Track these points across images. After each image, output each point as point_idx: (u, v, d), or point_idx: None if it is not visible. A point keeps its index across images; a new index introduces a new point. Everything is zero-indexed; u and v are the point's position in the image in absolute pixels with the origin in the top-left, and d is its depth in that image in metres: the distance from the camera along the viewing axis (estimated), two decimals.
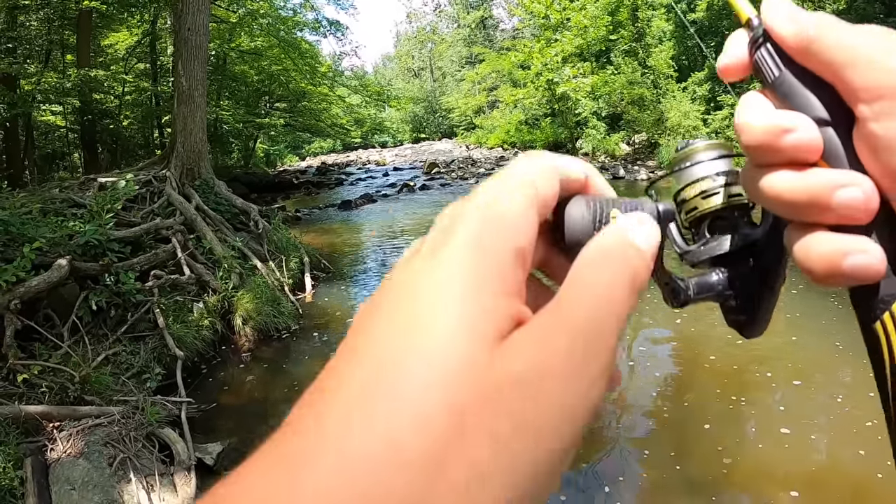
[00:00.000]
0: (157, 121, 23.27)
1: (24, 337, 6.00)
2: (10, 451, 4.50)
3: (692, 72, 22.64)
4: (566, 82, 25.09)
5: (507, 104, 34.66)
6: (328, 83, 27.39)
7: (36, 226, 7.15)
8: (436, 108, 55.77)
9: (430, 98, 57.41)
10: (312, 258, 10.29)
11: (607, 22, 24.51)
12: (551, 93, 26.69)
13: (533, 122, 32.65)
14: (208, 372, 6.85)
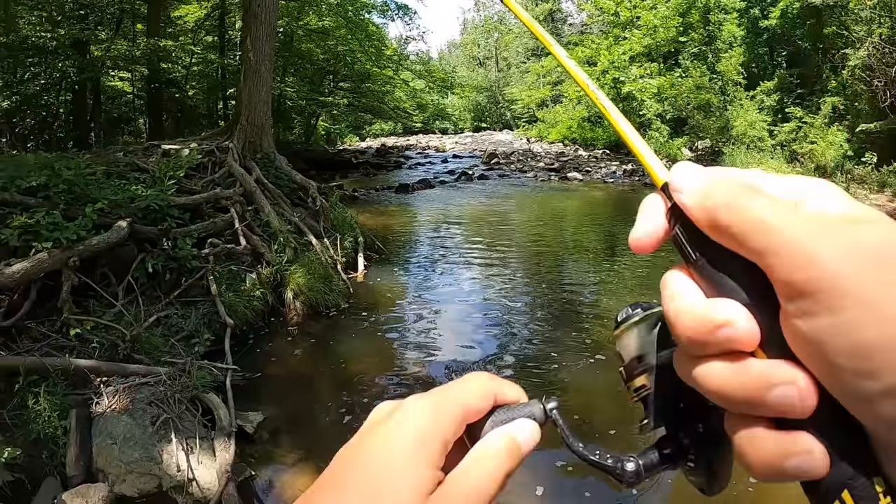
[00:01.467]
0: (221, 93, 23.58)
1: (80, 293, 6.11)
2: (57, 401, 4.59)
3: (761, 80, 22.03)
4: (632, 82, 24.72)
5: (570, 100, 34.33)
6: (393, 66, 27.44)
7: (99, 187, 7.27)
8: (499, 98, 55.41)
9: (493, 88, 57.04)
10: (367, 239, 10.30)
11: (678, 23, 24.03)
12: (616, 91, 26.30)
13: (595, 120, 32.23)
14: (255, 342, 6.90)
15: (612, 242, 12.10)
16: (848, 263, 0.34)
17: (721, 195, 0.40)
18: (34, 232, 5.95)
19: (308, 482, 4.46)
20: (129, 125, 23.19)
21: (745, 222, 0.37)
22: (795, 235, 0.35)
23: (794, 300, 0.35)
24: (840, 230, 0.35)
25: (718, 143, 21.52)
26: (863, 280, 0.33)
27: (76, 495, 4.05)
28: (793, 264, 0.35)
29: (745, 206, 0.38)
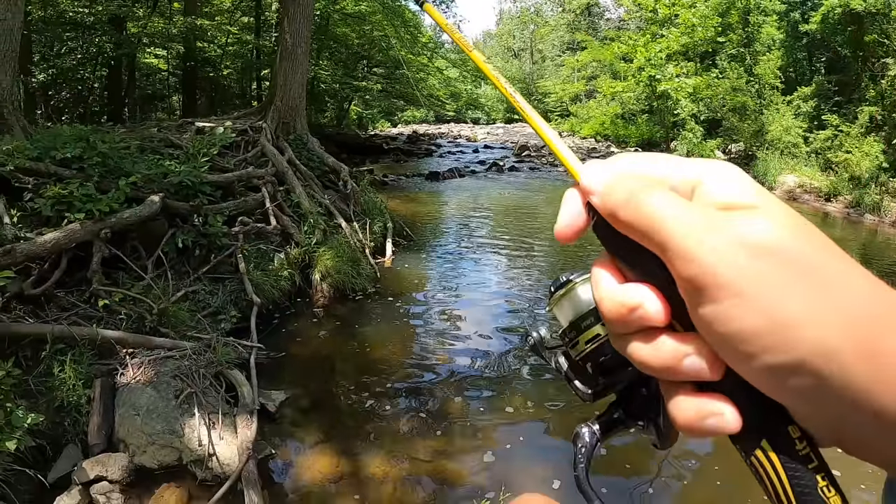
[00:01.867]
0: (255, 73, 23.66)
1: (109, 265, 6.14)
2: (83, 370, 4.61)
3: (799, 86, 21.46)
4: (668, 80, 24.29)
5: (604, 95, 33.88)
6: (428, 54, 27.33)
7: (133, 161, 7.30)
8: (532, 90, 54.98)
9: (527, 80, 56.70)
10: (395, 224, 10.27)
11: (716, 23, 23.52)
12: (651, 89, 25.88)
13: (629, 117, 31.85)
14: (281, 322, 6.90)
15: None
16: (724, 259, 0.39)
17: (620, 193, 0.44)
18: (67, 202, 5.98)
19: (328, 464, 4.46)
20: (163, 102, 23.34)
21: (641, 220, 0.42)
22: (683, 233, 0.40)
23: (683, 289, 0.41)
24: (722, 224, 0.40)
25: (752, 147, 21.11)
26: (738, 274, 0.38)
27: (96, 464, 4.06)
28: (682, 260, 0.40)
29: (641, 204, 0.42)
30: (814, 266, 0.39)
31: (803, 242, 0.40)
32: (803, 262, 0.39)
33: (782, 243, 0.39)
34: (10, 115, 8.40)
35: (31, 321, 5.06)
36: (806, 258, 0.39)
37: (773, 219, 0.40)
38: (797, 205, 16.03)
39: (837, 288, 0.38)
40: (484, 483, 4.32)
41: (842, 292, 0.38)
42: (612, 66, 32.32)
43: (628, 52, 27.40)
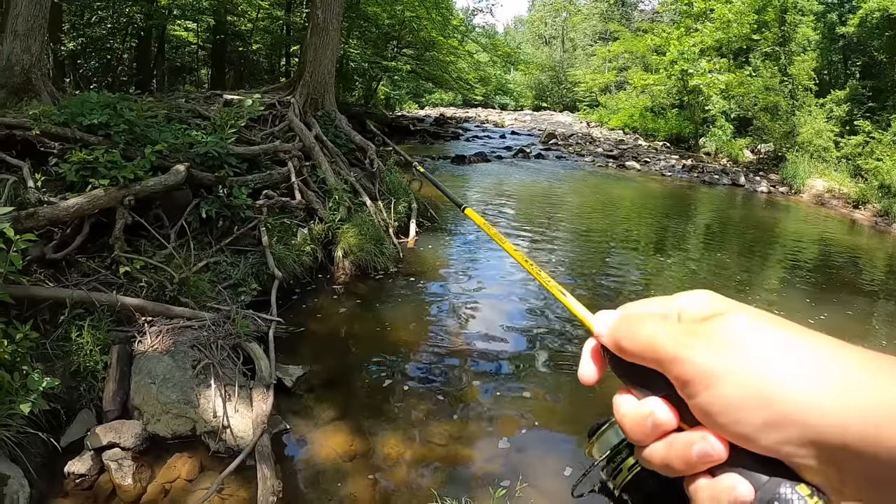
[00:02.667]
0: (285, 49, 23.56)
1: (132, 232, 6.11)
2: (101, 336, 4.57)
3: (832, 89, 20.91)
4: (700, 75, 23.84)
5: (635, 87, 33.39)
6: (458, 37, 27.07)
7: (159, 130, 7.27)
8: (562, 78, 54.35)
9: (557, 68, 56.01)
10: (420, 205, 10.19)
11: (752, 20, 23.00)
12: (683, 84, 25.45)
13: (659, 111, 31.27)
14: (301, 297, 6.85)
15: (663, 237, 11.79)
16: (702, 355, 0.47)
17: (623, 329, 0.54)
18: (92, 168, 5.94)
19: (342, 442, 4.40)
20: (192, 75, 23.35)
21: (640, 344, 0.52)
22: (671, 344, 0.49)
23: (681, 388, 0.49)
24: (698, 330, 0.49)
25: (782, 149, 20.61)
26: (715, 365, 0.46)
27: (110, 430, 4.03)
28: (672, 364, 0.49)
29: (638, 331, 0.53)
30: (777, 348, 0.46)
31: (765, 332, 0.47)
32: (766, 348, 0.46)
33: (746, 336, 0.47)
34: (38, 81, 8.41)
35: (51, 285, 5.03)
36: (767, 344, 0.46)
37: (737, 319, 0.49)
38: (824, 210, 15.77)
39: (805, 363, 0.45)
40: (498, 471, 4.25)
41: (809, 365, 0.44)
42: (644, 58, 31.85)
43: (661, 44, 27.01)
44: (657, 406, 0.51)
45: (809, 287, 8.74)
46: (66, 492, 3.75)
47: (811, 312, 7.55)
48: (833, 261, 10.55)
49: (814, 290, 8.53)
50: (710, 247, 10.99)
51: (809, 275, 9.42)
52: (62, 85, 13.33)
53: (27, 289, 4.69)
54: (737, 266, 9.61)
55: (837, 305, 7.96)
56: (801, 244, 11.70)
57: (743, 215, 14.75)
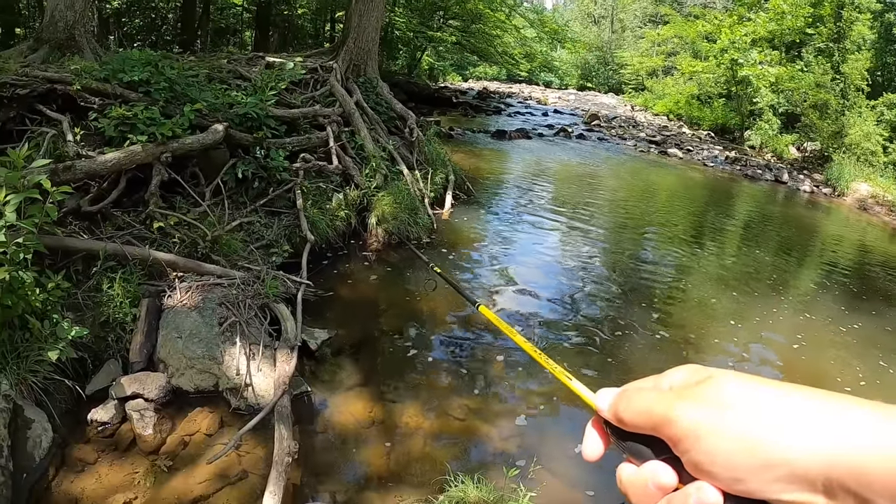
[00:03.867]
0: (330, 14, 23.47)
1: (168, 189, 6.16)
2: (131, 288, 4.62)
3: (885, 91, 20.24)
4: (750, 66, 23.17)
5: (682, 73, 32.71)
6: (506, 10, 26.72)
7: (200, 89, 7.29)
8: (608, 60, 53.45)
9: (604, 48, 55.08)
10: (457, 177, 10.12)
11: (807, 13, 22.27)
12: (732, 73, 24.74)
13: (705, 100, 30.59)
14: (332, 262, 6.85)
15: (700, 228, 11.55)
16: (690, 414, 0.51)
17: (621, 403, 0.59)
18: (131, 124, 5.99)
19: (362, 408, 4.40)
20: (236, 36, 23.37)
21: (636, 413, 0.56)
22: (663, 409, 0.54)
23: (675, 447, 0.53)
24: (686, 394, 0.54)
25: (829, 149, 19.95)
26: (701, 422, 0.51)
27: (134, 381, 4.07)
28: (666, 426, 0.53)
29: (633, 403, 0.57)
30: (762, 400, 0.50)
31: (750, 388, 0.52)
32: (752, 401, 0.50)
33: (732, 392, 0.52)
34: (81, 38, 8.47)
35: (85, 237, 5.10)
36: (753, 397, 0.51)
37: (724, 380, 0.53)
38: (866, 216, 15.32)
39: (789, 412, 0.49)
40: (514, 450, 4.23)
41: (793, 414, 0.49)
42: (694, 44, 31.17)
43: (712, 31, 26.39)
44: (657, 467, 0.54)
45: (845, 294, 8.48)
46: (88, 438, 3.80)
47: (844, 320, 7.33)
48: (871, 269, 10.23)
49: (849, 298, 8.27)
50: (747, 242, 10.74)
51: (846, 281, 9.13)
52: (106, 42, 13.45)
53: (62, 240, 4.75)
54: (772, 265, 9.39)
55: (872, 316, 7.69)
56: (840, 249, 11.37)
57: (783, 213, 14.41)
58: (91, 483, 3.48)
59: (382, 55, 18.98)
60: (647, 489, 0.54)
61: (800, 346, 6.50)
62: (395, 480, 3.82)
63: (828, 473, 0.46)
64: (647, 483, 0.54)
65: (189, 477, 3.61)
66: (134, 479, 3.55)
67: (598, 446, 0.62)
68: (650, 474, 0.54)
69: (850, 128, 19.33)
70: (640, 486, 0.55)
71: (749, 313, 7.18)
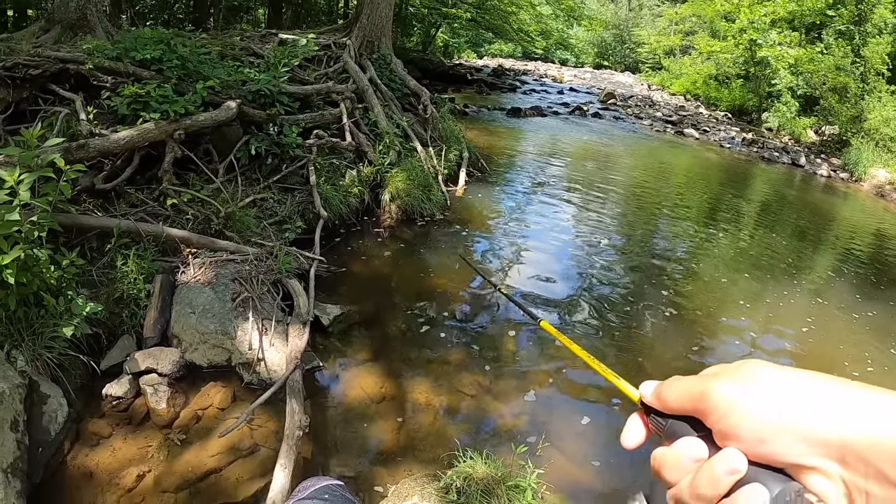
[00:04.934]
0: None
1: (181, 166, 6.18)
2: (145, 265, 4.65)
3: None
4: (769, 47, 22.75)
5: (700, 53, 32.30)
6: None
7: (212, 67, 7.29)
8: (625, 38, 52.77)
9: (621, 26, 54.39)
10: (471, 155, 10.08)
11: None
12: (751, 54, 24.32)
13: (723, 80, 30.12)
14: (345, 238, 6.86)
15: (715, 210, 11.41)
16: (721, 389, 0.57)
17: (664, 387, 0.64)
18: (143, 102, 6.01)
19: (373, 384, 4.43)
20: (249, 14, 23.24)
21: (675, 392, 0.62)
22: (699, 386, 0.59)
23: (709, 418, 0.58)
24: (720, 373, 0.59)
25: (847, 133, 19.52)
26: (732, 394, 0.56)
27: (148, 356, 4.10)
28: (701, 400, 0.58)
29: (674, 385, 0.63)
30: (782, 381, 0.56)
31: (776, 369, 0.57)
32: (772, 381, 0.56)
33: (761, 370, 0.57)
34: (93, 17, 8.48)
35: (99, 215, 5.13)
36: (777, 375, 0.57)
37: (755, 362, 0.59)
38: (884, 202, 15.05)
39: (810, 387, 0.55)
40: (523, 426, 4.25)
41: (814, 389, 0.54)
42: (713, 23, 30.64)
43: (731, 11, 25.92)
44: (691, 440, 0.59)
45: (860, 281, 8.36)
46: (103, 413, 3.84)
47: (858, 307, 7.25)
48: (888, 257, 10.08)
49: (864, 285, 8.17)
50: (763, 225, 10.61)
51: (861, 268, 8.99)
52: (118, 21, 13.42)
53: (76, 217, 4.78)
54: (787, 249, 9.28)
55: (888, 305, 7.59)
56: (856, 235, 11.20)
57: (799, 197, 14.22)
58: (105, 456, 3.53)
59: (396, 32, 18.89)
60: (679, 461, 0.59)
61: (810, 330, 6.45)
62: (404, 455, 3.84)
63: (843, 443, 0.51)
64: (681, 456, 0.59)
65: (202, 450, 3.65)
66: (147, 453, 3.60)
67: (639, 435, 0.67)
68: (685, 446, 0.59)
69: (869, 112, 18.98)
70: (673, 459, 0.60)
71: (762, 296, 7.14)
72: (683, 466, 0.58)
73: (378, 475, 3.66)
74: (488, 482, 3.11)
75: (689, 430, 0.61)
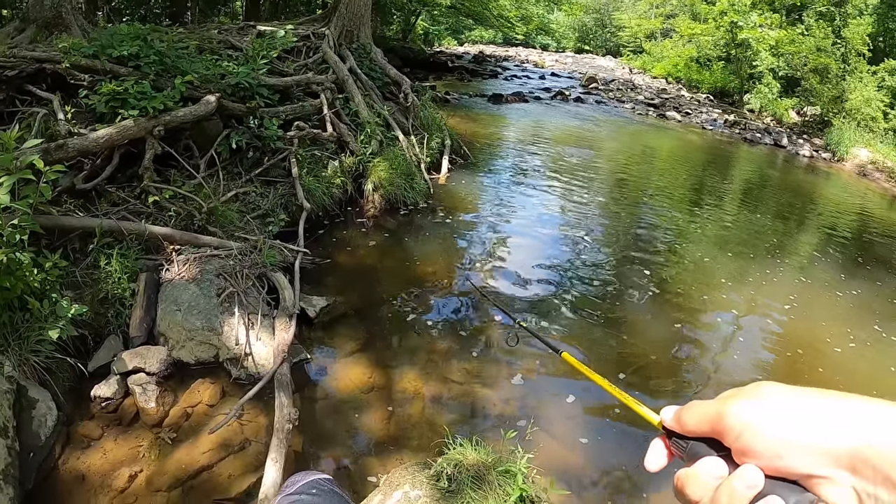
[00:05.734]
0: None
1: (161, 162, 6.15)
2: (129, 264, 4.63)
3: (887, 57, 19.83)
4: (750, 29, 22.79)
5: (681, 36, 32.31)
6: None
7: (190, 61, 7.26)
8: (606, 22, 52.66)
9: (602, 11, 54.23)
10: (454, 142, 10.07)
11: None
12: (731, 36, 24.35)
13: (704, 62, 30.11)
14: (329, 229, 6.86)
15: (699, 192, 11.47)
16: (737, 409, 0.61)
17: (683, 411, 0.68)
18: (122, 99, 5.96)
19: (361, 374, 4.44)
20: (227, 6, 22.98)
21: (694, 415, 0.66)
22: (716, 407, 0.63)
23: (726, 437, 0.62)
24: (736, 395, 0.63)
25: (829, 113, 19.66)
26: (743, 416, 0.60)
27: (136, 355, 4.10)
28: (718, 421, 0.62)
29: (693, 408, 0.67)
30: (793, 397, 0.60)
31: (787, 388, 0.61)
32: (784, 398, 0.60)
33: (773, 391, 0.61)
34: (68, 15, 8.42)
35: (80, 215, 5.09)
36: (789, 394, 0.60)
37: (768, 384, 0.63)
38: (865, 182, 15.15)
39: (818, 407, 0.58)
40: (513, 411, 4.28)
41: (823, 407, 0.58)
42: (693, 6, 30.73)
43: None
44: (712, 459, 0.63)
45: (844, 260, 8.46)
46: (93, 414, 3.84)
47: (842, 286, 7.35)
48: (870, 236, 10.14)
49: (848, 264, 8.26)
50: (746, 206, 10.64)
51: (845, 247, 9.07)
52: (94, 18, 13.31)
53: (57, 219, 4.75)
54: (771, 229, 9.34)
55: (871, 283, 7.68)
56: (839, 214, 11.28)
57: (782, 178, 14.30)
58: (97, 458, 3.52)
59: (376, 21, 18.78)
60: (701, 479, 0.62)
61: (793, 308, 6.54)
62: (395, 444, 3.87)
63: (853, 452, 0.54)
64: (702, 474, 0.62)
65: (193, 448, 3.66)
66: (139, 453, 3.60)
67: (662, 459, 0.71)
68: (706, 465, 0.62)
69: (850, 93, 19.08)
70: (696, 478, 0.63)
71: (745, 276, 7.20)
72: (705, 484, 0.62)
73: (370, 465, 3.68)
74: (479, 468, 3.14)
75: (709, 450, 0.64)
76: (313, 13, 17.71)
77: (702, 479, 0.62)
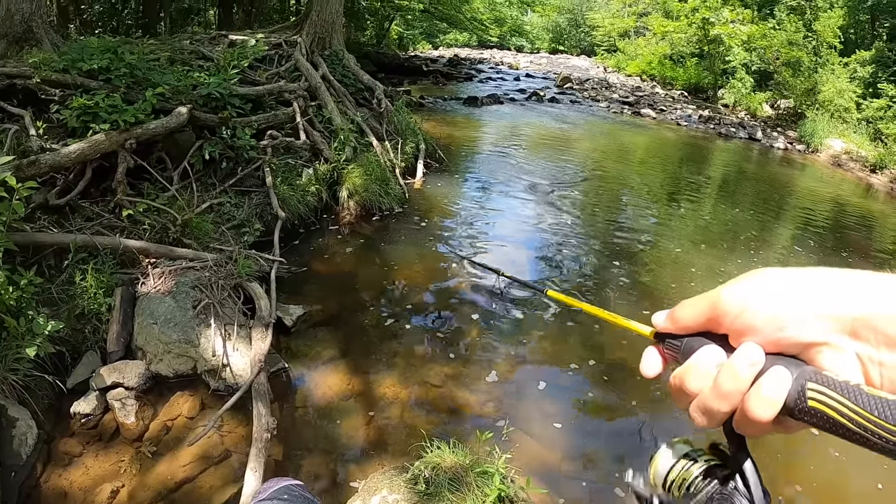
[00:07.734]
0: None
1: (134, 175, 6.14)
2: (104, 279, 4.63)
3: (858, 49, 20.06)
4: (722, 25, 22.99)
5: (654, 34, 32.52)
6: None
7: (161, 73, 7.25)
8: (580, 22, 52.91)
9: (575, 11, 54.46)
10: (428, 146, 10.10)
11: None
12: (704, 32, 24.55)
13: (678, 59, 30.34)
14: (305, 237, 6.87)
15: (676, 187, 11.59)
16: (732, 292, 0.62)
17: (676, 310, 0.68)
18: (93, 113, 5.96)
19: (340, 381, 4.47)
20: (200, 15, 22.93)
21: (688, 308, 0.66)
22: (710, 295, 0.64)
23: (723, 321, 0.62)
24: (729, 282, 0.63)
25: (802, 106, 19.84)
26: (740, 296, 0.61)
27: (114, 370, 4.11)
28: (714, 307, 0.63)
29: (686, 304, 0.67)
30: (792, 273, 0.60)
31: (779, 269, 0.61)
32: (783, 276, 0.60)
33: (765, 272, 0.62)
34: (39, 30, 8.38)
35: (54, 231, 5.09)
36: (782, 273, 0.61)
37: (755, 270, 0.63)
38: (840, 171, 15.35)
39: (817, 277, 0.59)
40: (490, 412, 4.33)
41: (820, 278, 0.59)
42: (665, 4, 30.79)
43: None
44: (710, 347, 0.63)
45: (820, 248, 8.61)
46: (73, 431, 3.84)
47: None
48: (846, 224, 10.32)
49: (824, 252, 8.41)
50: (723, 200, 10.77)
51: (821, 235, 9.22)
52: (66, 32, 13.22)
53: (31, 235, 4.75)
54: (748, 221, 9.45)
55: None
56: (815, 204, 11.42)
57: (757, 171, 14.46)
58: (79, 475, 3.53)
59: (350, 27, 18.78)
60: (700, 368, 0.62)
61: None
62: (375, 450, 3.90)
63: (854, 315, 0.55)
64: (700, 363, 0.62)
65: (173, 461, 3.68)
66: (120, 468, 3.61)
67: (657, 364, 0.71)
68: (704, 353, 0.63)
69: (823, 85, 19.25)
70: (694, 368, 0.63)
71: (724, 269, 7.27)
72: (705, 373, 0.62)
73: (350, 471, 3.71)
74: (456, 470, 3.18)
75: (704, 341, 0.64)
76: (287, 21, 17.72)
77: (701, 369, 0.62)
